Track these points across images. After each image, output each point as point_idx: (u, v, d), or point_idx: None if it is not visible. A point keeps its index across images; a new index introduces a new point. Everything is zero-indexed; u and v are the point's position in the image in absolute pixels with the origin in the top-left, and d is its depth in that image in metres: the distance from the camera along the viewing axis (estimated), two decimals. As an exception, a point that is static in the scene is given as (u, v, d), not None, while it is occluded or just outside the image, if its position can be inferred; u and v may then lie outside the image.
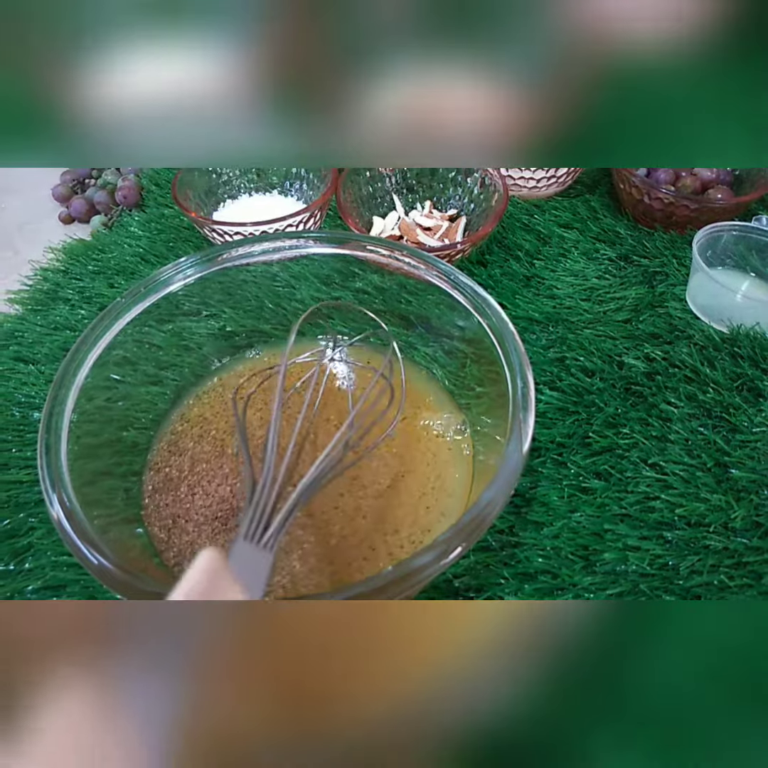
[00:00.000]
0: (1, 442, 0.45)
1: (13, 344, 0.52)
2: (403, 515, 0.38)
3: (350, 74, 0.28)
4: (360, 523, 0.38)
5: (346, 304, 0.46)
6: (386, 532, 0.38)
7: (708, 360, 0.49)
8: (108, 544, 0.30)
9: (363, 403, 0.36)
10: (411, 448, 0.41)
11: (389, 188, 0.62)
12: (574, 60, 0.29)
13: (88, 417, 0.36)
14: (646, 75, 0.30)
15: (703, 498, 0.41)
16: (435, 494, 0.39)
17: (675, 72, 0.29)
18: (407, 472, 0.40)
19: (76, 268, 0.60)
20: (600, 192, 0.66)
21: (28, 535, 0.40)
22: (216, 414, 0.44)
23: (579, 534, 0.40)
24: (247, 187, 0.64)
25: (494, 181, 0.57)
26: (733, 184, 0.62)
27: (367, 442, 0.37)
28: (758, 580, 0.38)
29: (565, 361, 0.49)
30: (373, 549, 0.37)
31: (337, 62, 0.28)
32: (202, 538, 0.38)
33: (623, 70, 0.29)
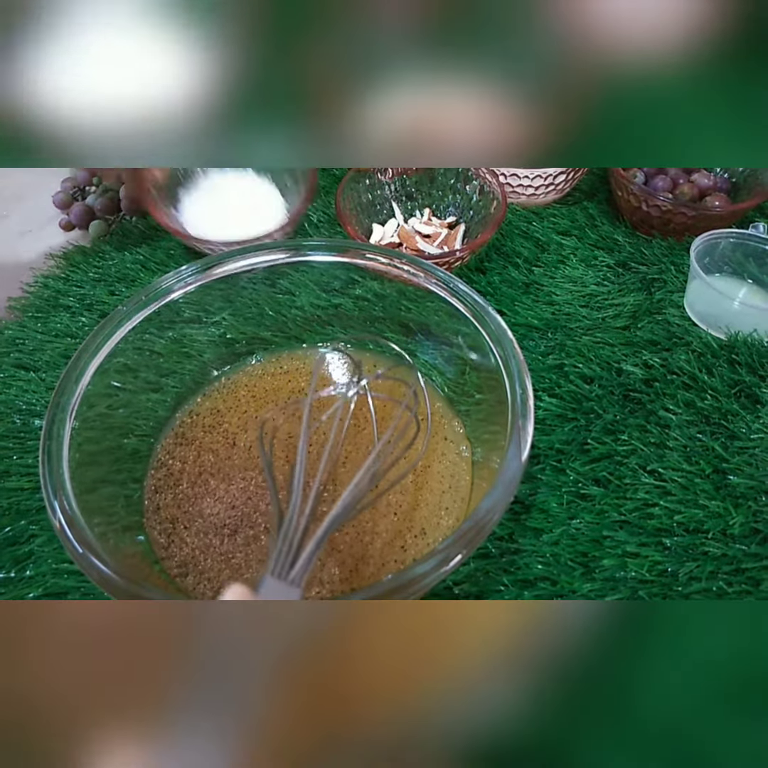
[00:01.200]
0: (2, 450, 0.45)
1: (14, 351, 0.52)
2: (428, 515, 0.39)
3: (353, 84, 0.29)
4: (392, 520, 0.39)
5: (373, 337, 0.47)
6: (415, 533, 0.39)
7: (706, 367, 0.49)
8: (109, 552, 0.30)
9: (389, 435, 0.36)
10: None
11: (388, 196, 0.62)
12: (574, 66, 0.30)
13: (89, 424, 0.37)
14: (645, 79, 0.30)
15: (702, 504, 0.41)
16: (452, 494, 0.40)
17: (674, 76, 0.30)
18: (425, 467, 0.41)
19: (76, 276, 0.60)
20: (598, 199, 0.67)
21: (29, 543, 0.40)
22: (221, 418, 0.44)
23: (578, 541, 0.40)
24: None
25: (493, 189, 0.58)
26: (730, 191, 0.63)
27: (392, 474, 0.37)
28: (756, 586, 0.38)
29: (564, 368, 0.50)
30: (405, 549, 0.38)
31: (341, 73, 0.29)
32: (206, 545, 0.38)
33: (623, 75, 0.30)
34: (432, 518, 0.39)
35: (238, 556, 0.37)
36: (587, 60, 0.30)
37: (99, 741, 0.19)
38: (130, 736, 0.19)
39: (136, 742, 0.19)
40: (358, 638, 0.22)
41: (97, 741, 0.19)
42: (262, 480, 0.40)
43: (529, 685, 0.21)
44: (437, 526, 0.39)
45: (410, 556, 0.38)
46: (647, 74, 0.30)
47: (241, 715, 0.20)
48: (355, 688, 0.21)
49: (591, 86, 0.30)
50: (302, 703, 0.20)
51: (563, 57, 0.29)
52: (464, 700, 0.21)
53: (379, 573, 0.37)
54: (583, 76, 0.30)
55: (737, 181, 0.63)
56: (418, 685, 0.21)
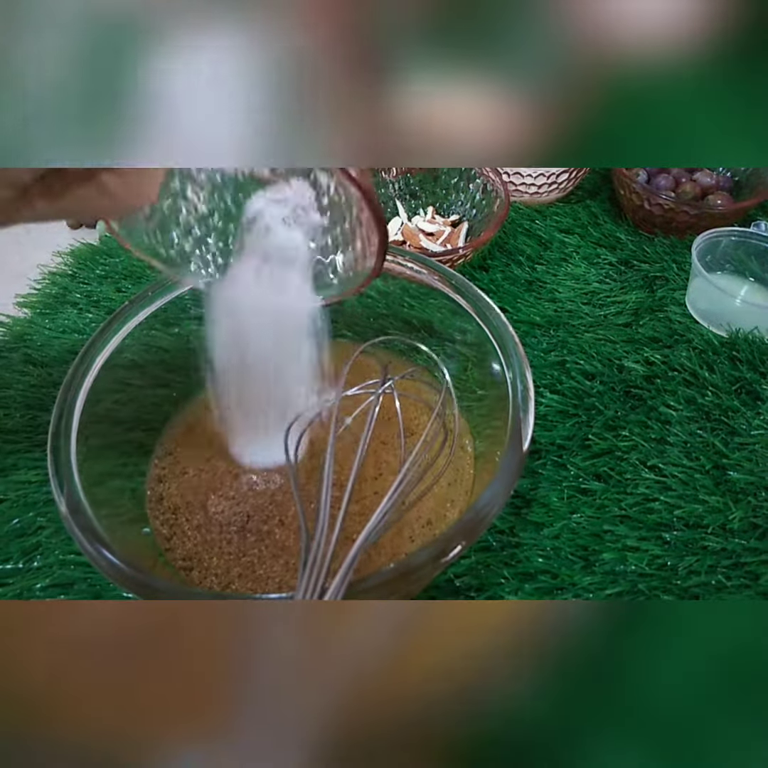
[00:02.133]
0: (10, 443, 0.45)
1: (23, 347, 0.53)
2: (435, 506, 0.39)
3: (362, 82, 0.29)
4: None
5: (400, 339, 0.47)
6: (422, 524, 0.39)
7: (707, 364, 0.49)
8: (116, 543, 0.30)
9: (419, 448, 0.35)
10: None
11: (392, 194, 0.63)
12: (580, 67, 0.30)
13: (96, 419, 0.37)
14: (650, 79, 0.31)
15: (702, 500, 0.41)
16: (456, 487, 0.40)
17: (679, 75, 0.30)
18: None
19: (83, 272, 0.61)
20: (601, 198, 0.67)
21: (36, 534, 0.41)
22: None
23: (579, 534, 0.40)
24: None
25: (496, 187, 0.58)
26: (732, 190, 0.63)
27: (420, 487, 0.36)
28: (755, 580, 0.38)
29: (566, 365, 0.50)
30: (412, 540, 0.38)
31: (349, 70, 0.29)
32: (212, 539, 0.38)
33: (628, 76, 0.30)
34: (439, 509, 0.39)
35: (250, 553, 0.37)
36: (594, 60, 0.30)
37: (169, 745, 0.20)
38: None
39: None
40: (368, 639, 0.22)
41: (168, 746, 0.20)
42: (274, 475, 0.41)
43: (531, 683, 0.21)
44: (443, 518, 0.39)
45: (416, 546, 0.38)
46: (654, 74, 0.30)
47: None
48: (364, 688, 0.21)
49: (597, 86, 0.30)
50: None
51: (570, 57, 0.30)
52: (465, 699, 0.21)
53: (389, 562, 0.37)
54: (589, 76, 0.30)
55: (739, 179, 0.63)
56: (418, 685, 0.21)
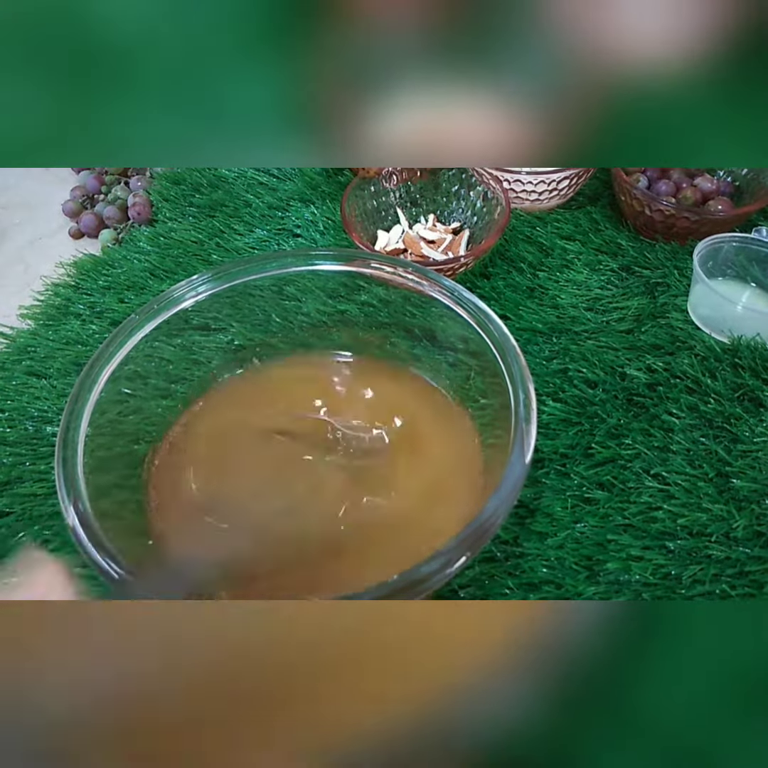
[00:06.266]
0: (15, 456, 0.46)
1: (26, 359, 0.53)
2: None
3: (362, 95, 0.30)
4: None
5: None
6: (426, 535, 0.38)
7: (709, 371, 0.49)
8: (122, 555, 0.30)
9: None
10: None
11: (393, 202, 0.63)
12: (581, 72, 0.30)
13: (101, 431, 0.37)
14: (649, 87, 0.31)
15: (705, 508, 0.41)
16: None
17: (679, 80, 0.30)
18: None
19: (86, 284, 0.61)
20: (601, 204, 0.67)
21: (41, 548, 0.41)
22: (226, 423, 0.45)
23: (582, 544, 0.40)
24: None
25: (497, 195, 0.58)
26: (733, 195, 0.63)
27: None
28: (760, 589, 0.38)
29: (568, 373, 0.50)
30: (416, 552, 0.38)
31: (351, 81, 0.30)
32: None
33: (627, 86, 0.30)
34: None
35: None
36: (594, 65, 0.30)
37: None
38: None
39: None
40: (369, 640, 0.22)
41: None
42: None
43: (533, 687, 0.21)
44: (447, 529, 0.39)
45: (420, 557, 0.38)
46: (653, 79, 0.31)
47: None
48: (362, 690, 0.21)
49: (597, 90, 0.31)
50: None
51: (570, 63, 0.30)
52: (466, 702, 0.21)
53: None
54: (589, 81, 0.30)
55: (740, 185, 0.63)
56: (419, 685, 0.21)
